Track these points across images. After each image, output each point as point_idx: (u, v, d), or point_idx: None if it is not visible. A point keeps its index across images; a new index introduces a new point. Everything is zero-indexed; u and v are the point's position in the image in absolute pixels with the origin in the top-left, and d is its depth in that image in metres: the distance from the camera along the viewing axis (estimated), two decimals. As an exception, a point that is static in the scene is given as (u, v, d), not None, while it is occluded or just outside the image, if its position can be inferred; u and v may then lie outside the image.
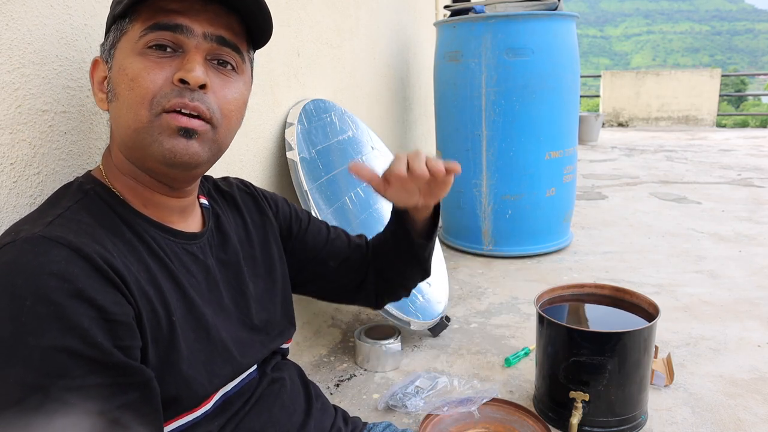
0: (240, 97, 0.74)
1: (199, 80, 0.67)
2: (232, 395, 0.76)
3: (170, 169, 0.69)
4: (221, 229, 0.84)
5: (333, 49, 2.24)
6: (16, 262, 0.57)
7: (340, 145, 2.06)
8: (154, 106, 0.66)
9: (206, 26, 0.68)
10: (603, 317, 1.64)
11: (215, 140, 0.71)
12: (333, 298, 1.09)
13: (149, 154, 0.68)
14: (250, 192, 0.95)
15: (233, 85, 0.72)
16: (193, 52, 0.68)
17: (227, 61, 0.72)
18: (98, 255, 0.60)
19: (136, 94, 0.66)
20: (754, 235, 3.30)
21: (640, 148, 7.20)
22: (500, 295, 2.45)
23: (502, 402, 1.52)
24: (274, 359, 0.88)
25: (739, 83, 25.70)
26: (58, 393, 0.54)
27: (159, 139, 0.67)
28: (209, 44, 0.69)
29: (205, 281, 0.76)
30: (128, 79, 0.66)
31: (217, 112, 0.70)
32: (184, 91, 0.67)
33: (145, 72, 0.66)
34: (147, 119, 0.66)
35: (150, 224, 0.72)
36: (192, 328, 0.70)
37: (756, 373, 1.77)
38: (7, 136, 0.80)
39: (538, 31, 2.72)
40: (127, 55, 0.68)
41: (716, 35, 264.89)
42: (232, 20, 0.71)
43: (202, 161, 0.70)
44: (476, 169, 2.89)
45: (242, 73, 0.74)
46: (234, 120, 0.74)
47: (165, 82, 0.66)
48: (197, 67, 0.67)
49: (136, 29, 0.67)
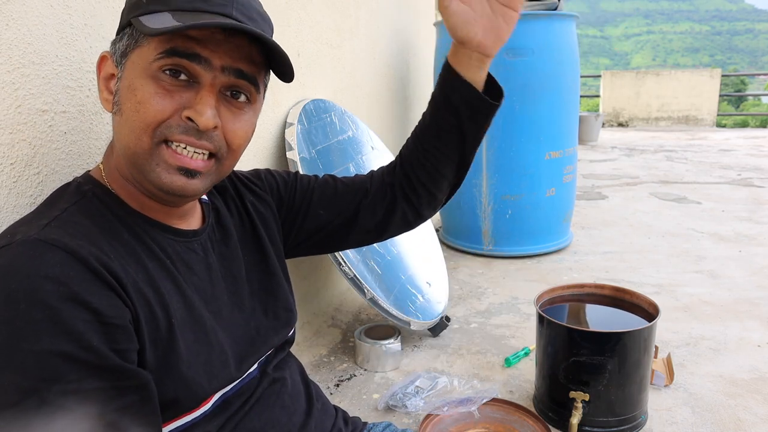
0: (250, 128, 0.73)
1: (209, 125, 0.65)
2: (231, 395, 0.76)
3: (167, 196, 0.69)
4: (222, 223, 0.83)
5: (333, 49, 2.24)
6: (11, 266, 0.56)
7: (340, 145, 2.06)
8: (157, 135, 0.65)
9: (225, 59, 0.66)
10: (603, 317, 1.64)
11: (219, 172, 0.71)
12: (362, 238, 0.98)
13: (146, 180, 0.67)
14: (241, 179, 0.93)
15: (244, 118, 0.71)
16: (207, 89, 0.66)
17: (242, 93, 0.70)
18: (94, 257, 0.59)
19: (141, 119, 0.64)
20: (754, 235, 3.30)
21: (640, 148, 7.21)
22: (500, 295, 2.45)
23: (502, 402, 1.52)
24: (277, 357, 0.87)
25: (739, 83, 25.71)
26: (54, 397, 0.53)
27: (157, 171, 0.66)
28: (226, 78, 0.67)
29: (207, 278, 0.76)
30: (136, 101, 0.65)
31: (223, 148, 0.69)
32: (191, 130, 0.65)
33: (155, 98, 0.64)
34: (148, 146, 0.65)
35: (149, 224, 0.71)
36: (191, 330, 0.70)
37: (756, 373, 1.77)
38: (7, 136, 0.80)
39: (538, 31, 2.72)
40: (138, 74, 0.65)
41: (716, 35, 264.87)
42: (253, 51, 0.69)
43: (201, 193, 0.71)
44: (476, 169, 2.89)
45: (255, 103, 0.72)
46: (241, 151, 0.73)
47: (173, 113, 0.65)
48: (208, 110, 0.65)
49: (151, 48, 0.65)
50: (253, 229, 0.89)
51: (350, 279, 1.71)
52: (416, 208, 0.96)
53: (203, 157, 0.67)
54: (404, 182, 0.94)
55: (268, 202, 0.93)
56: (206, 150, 0.67)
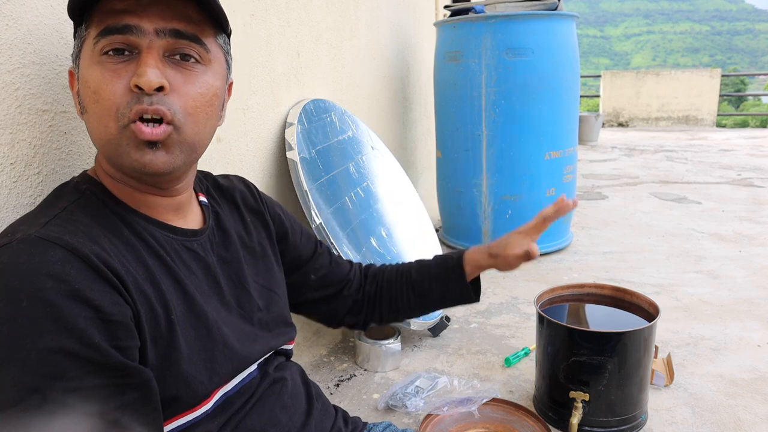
0: (207, 90, 0.70)
1: (152, 84, 0.63)
2: (232, 395, 0.76)
3: (145, 177, 0.69)
4: (222, 227, 0.83)
5: (333, 49, 2.24)
6: (12, 264, 0.56)
7: (340, 145, 2.06)
8: (120, 118, 0.64)
9: (157, 21, 0.64)
10: (603, 317, 1.64)
11: (183, 141, 0.68)
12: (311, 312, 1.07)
13: (121, 165, 0.67)
14: (250, 191, 0.95)
15: (198, 79, 0.68)
16: (146, 53, 0.64)
17: (189, 54, 0.68)
18: (95, 255, 0.60)
19: (101, 107, 0.64)
20: (754, 235, 3.30)
21: (640, 148, 7.20)
22: (500, 295, 2.45)
23: (502, 402, 1.52)
24: (277, 359, 0.87)
25: (739, 83, 25.69)
26: (56, 395, 0.54)
27: (127, 151, 0.65)
28: (163, 40, 0.65)
29: (205, 278, 0.76)
30: (91, 92, 0.65)
31: (179, 112, 0.66)
32: (142, 97, 0.64)
33: (104, 83, 0.64)
34: (115, 130, 0.65)
35: (148, 222, 0.71)
36: (192, 326, 0.70)
37: (756, 373, 1.77)
38: (7, 136, 0.80)
39: (538, 31, 2.72)
40: (87, 65, 0.66)
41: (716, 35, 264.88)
42: (189, 9, 0.67)
43: (174, 167, 0.69)
44: (476, 169, 2.89)
45: (208, 63, 0.70)
46: (201, 115, 0.69)
47: (125, 90, 0.64)
48: (149, 70, 0.63)
49: (91, 36, 0.65)
50: (253, 237, 0.89)
51: (350, 279, 1.71)
52: (366, 324, 1.09)
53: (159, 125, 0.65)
54: (368, 304, 1.06)
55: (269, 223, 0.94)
56: (159, 115, 0.64)
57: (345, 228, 1.82)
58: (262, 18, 1.66)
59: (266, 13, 1.69)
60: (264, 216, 0.94)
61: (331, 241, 1.66)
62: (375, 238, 1.98)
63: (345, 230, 1.81)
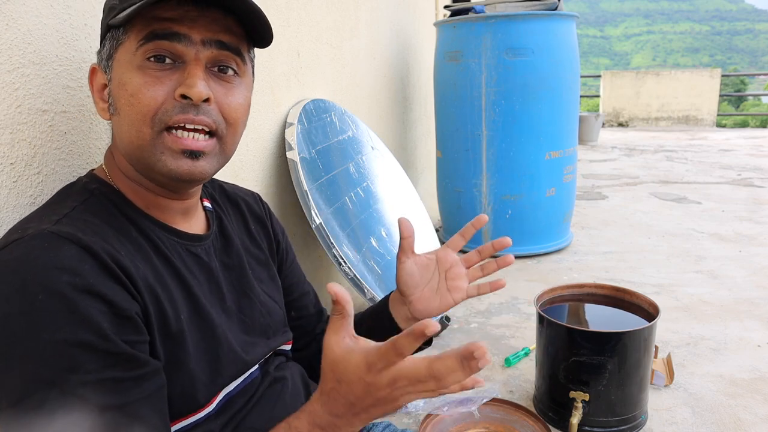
0: (244, 101, 0.72)
1: (202, 96, 0.65)
2: (234, 395, 0.76)
3: (176, 183, 0.70)
4: (224, 233, 0.84)
5: (333, 49, 2.24)
6: (26, 258, 0.56)
7: (340, 145, 2.06)
8: (156, 123, 0.65)
9: (204, 32, 0.66)
10: (603, 317, 1.64)
11: (223, 152, 0.71)
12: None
13: (155, 171, 0.68)
14: (256, 200, 0.96)
15: (236, 91, 0.71)
16: (193, 64, 0.66)
17: (229, 66, 0.70)
18: (106, 253, 0.60)
19: (137, 111, 0.65)
20: (754, 235, 3.30)
21: (640, 148, 7.20)
22: (500, 295, 2.45)
23: (502, 402, 1.52)
24: (277, 359, 0.88)
25: (739, 83, 25.70)
26: (74, 388, 0.54)
27: (162, 159, 0.66)
28: (209, 51, 0.67)
29: (207, 283, 0.76)
30: (128, 95, 0.65)
31: (222, 123, 0.69)
32: (187, 107, 0.65)
33: (145, 87, 0.64)
34: (150, 136, 0.65)
35: (154, 224, 0.72)
36: (198, 328, 0.70)
37: (756, 373, 1.77)
38: (7, 135, 0.80)
39: (538, 31, 2.72)
40: (126, 69, 0.66)
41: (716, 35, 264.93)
42: (230, 23, 0.69)
43: (209, 175, 0.70)
44: (476, 169, 2.89)
45: (244, 76, 0.72)
46: (240, 126, 0.73)
47: (166, 97, 0.65)
48: (199, 82, 0.65)
49: (132, 40, 0.66)
50: (256, 244, 0.90)
51: (350, 279, 1.71)
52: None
53: (204, 137, 0.68)
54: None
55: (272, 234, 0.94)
56: (205, 125, 0.67)
57: (345, 228, 1.82)
58: (262, 18, 1.66)
59: (266, 13, 1.68)
60: (267, 226, 0.94)
61: (331, 241, 1.67)
62: (375, 238, 1.98)
63: (345, 230, 1.81)
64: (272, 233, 0.95)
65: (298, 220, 1.91)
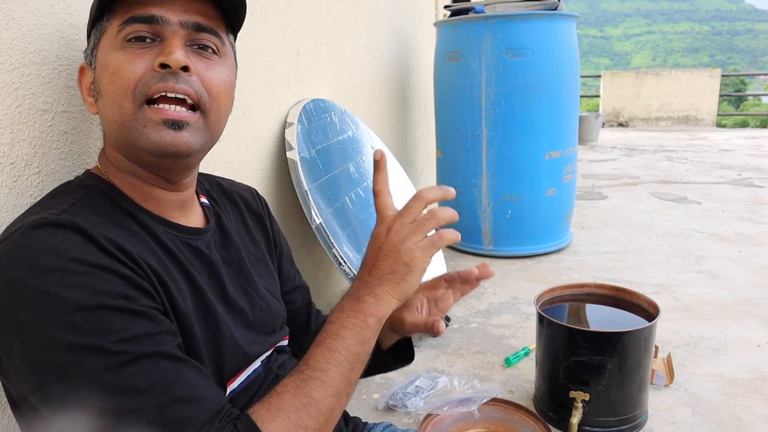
0: (226, 78, 0.73)
1: (180, 62, 0.65)
2: (238, 392, 0.76)
3: (162, 159, 0.69)
4: (223, 228, 0.84)
5: (333, 49, 2.24)
6: (33, 243, 0.57)
7: (340, 145, 2.06)
8: (137, 96, 0.65)
9: (181, 14, 0.68)
10: (603, 317, 1.64)
11: (207, 127, 0.70)
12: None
13: (138, 147, 0.67)
14: (253, 196, 0.96)
15: (217, 67, 0.71)
16: (171, 37, 0.67)
17: (207, 45, 0.70)
18: (109, 241, 0.61)
19: (119, 86, 0.66)
20: (754, 235, 3.30)
21: (640, 148, 7.21)
22: (500, 295, 2.45)
23: (502, 402, 1.52)
24: (281, 357, 0.88)
25: (739, 83, 25.69)
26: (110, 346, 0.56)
27: (145, 132, 0.66)
28: (186, 31, 0.68)
29: (208, 276, 0.76)
30: (110, 73, 0.66)
31: (204, 95, 0.68)
32: (167, 76, 0.65)
33: (126, 63, 0.65)
34: (131, 111, 0.66)
35: (152, 218, 0.72)
36: (202, 318, 0.71)
37: (756, 373, 1.77)
38: (7, 135, 0.80)
39: (538, 31, 2.72)
40: (107, 52, 0.68)
41: (716, 35, 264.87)
42: (206, 6, 0.70)
43: (193, 150, 0.69)
44: (476, 169, 2.89)
45: (224, 56, 0.73)
46: (224, 102, 0.72)
47: (146, 70, 0.66)
48: (177, 49, 0.66)
49: (114, 26, 0.67)
50: (254, 239, 0.90)
51: (350, 279, 1.71)
52: None
53: (187, 111, 0.67)
54: None
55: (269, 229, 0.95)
56: (186, 95, 0.67)
57: (345, 228, 1.82)
58: (262, 18, 1.66)
59: (266, 13, 1.69)
60: (264, 222, 0.95)
61: (331, 241, 1.67)
62: (375, 238, 1.98)
63: (345, 230, 1.81)
64: (270, 229, 0.95)
65: (298, 220, 1.91)
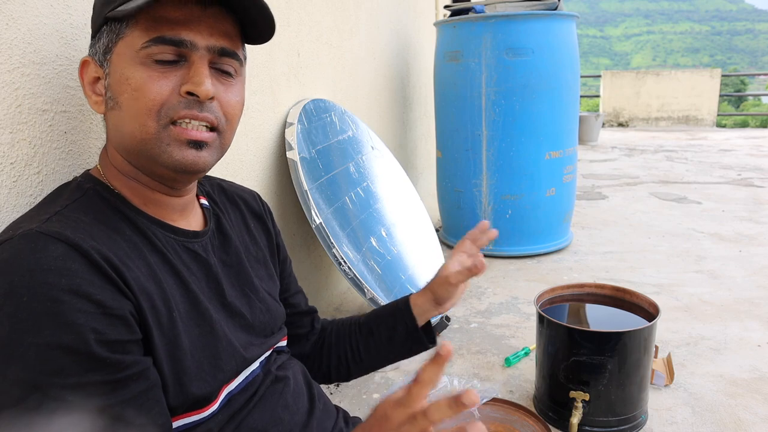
0: (241, 99, 0.76)
1: (209, 94, 0.68)
2: (236, 393, 0.76)
3: (179, 175, 0.71)
4: (222, 231, 0.84)
5: (333, 49, 2.24)
6: (13, 260, 0.57)
7: (340, 145, 2.06)
8: (162, 117, 0.66)
9: (207, 38, 0.68)
10: (603, 317, 1.64)
11: (221, 145, 0.74)
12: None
13: (159, 163, 0.69)
14: (254, 198, 0.96)
15: (234, 89, 0.74)
16: (199, 63, 0.68)
17: (228, 71, 0.72)
18: (95, 251, 0.60)
19: (142, 105, 0.66)
20: (754, 235, 3.30)
21: (640, 148, 7.21)
22: (500, 295, 2.45)
23: (502, 402, 1.52)
24: (280, 358, 0.88)
25: (739, 83, 25.67)
26: (57, 391, 0.54)
27: (168, 150, 0.68)
28: (211, 56, 0.69)
29: (205, 279, 0.76)
30: (132, 89, 0.66)
31: (222, 119, 0.72)
32: (193, 104, 0.67)
33: (150, 82, 0.66)
34: (155, 130, 0.67)
35: (151, 221, 0.72)
36: (196, 324, 0.70)
37: (756, 373, 1.77)
38: (7, 135, 0.80)
39: (538, 31, 2.72)
40: (128, 64, 0.67)
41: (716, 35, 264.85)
42: (229, 23, 0.71)
43: (209, 167, 0.73)
44: (476, 169, 2.89)
45: (240, 75, 0.75)
46: (236, 122, 0.76)
47: (172, 93, 0.67)
48: (206, 80, 0.67)
49: (135, 37, 0.66)
50: (255, 241, 0.90)
51: (350, 279, 1.71)
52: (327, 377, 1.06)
53: (206, 129, 0.70)
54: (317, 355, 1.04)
55: (271, 231, 0.95)
56: (208, 122, 0.69)
57: (345, 228, 1.82)
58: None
59: (266, 13, 1.69)
60: (266, 222, 0.95)
61: (331, 241, 1.67)
62: (375, 238, 1.98)
63: (345, 230, 1.81)
64: (272, 232, 0.96)
65: (298, 220, 1.91)
